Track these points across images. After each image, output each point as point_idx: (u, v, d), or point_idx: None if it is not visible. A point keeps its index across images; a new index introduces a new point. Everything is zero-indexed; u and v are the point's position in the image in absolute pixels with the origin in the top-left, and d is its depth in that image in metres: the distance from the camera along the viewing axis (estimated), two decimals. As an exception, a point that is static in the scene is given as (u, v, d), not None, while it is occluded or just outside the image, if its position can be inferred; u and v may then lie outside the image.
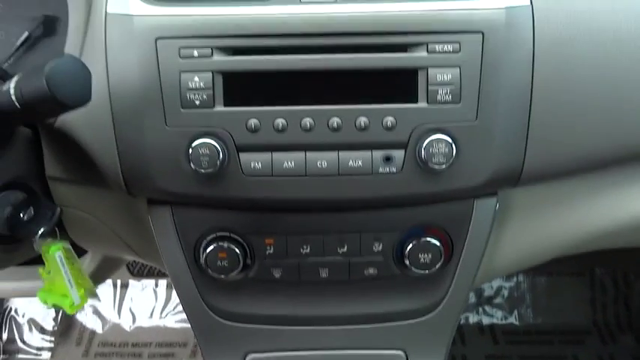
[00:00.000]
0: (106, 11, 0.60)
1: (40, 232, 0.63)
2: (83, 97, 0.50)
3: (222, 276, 0.67)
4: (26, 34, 0.73)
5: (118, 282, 1.66)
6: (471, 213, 0.66)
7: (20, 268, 0.77)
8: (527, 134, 0.60)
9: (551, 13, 0.59)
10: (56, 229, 0.68)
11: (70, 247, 0.68)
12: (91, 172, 0.64)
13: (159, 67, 0.58)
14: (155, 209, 0.67)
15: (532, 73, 0.58)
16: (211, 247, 0.66)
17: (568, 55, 0.58)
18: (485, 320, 1.66)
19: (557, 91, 0.59)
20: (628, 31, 0.59)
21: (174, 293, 1.69)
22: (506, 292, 1.68)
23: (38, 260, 0.73)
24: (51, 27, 0.74)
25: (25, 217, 0.63)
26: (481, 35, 0.57)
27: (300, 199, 0.62)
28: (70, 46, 0.62)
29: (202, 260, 0.67)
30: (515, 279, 1.68)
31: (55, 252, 0.65)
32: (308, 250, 0.67)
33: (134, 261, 1.47)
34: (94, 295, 0.72)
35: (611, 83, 0.59)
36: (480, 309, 1.67)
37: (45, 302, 0.68)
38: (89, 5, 0.61)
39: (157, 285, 1.70)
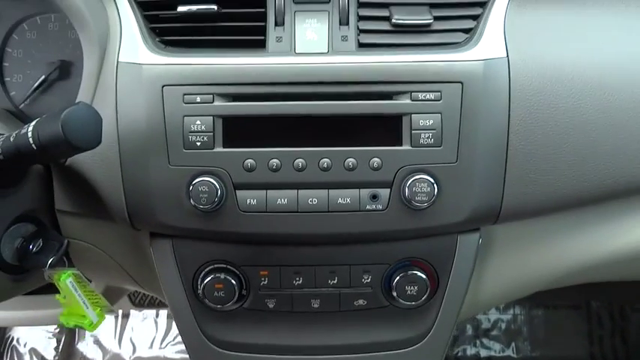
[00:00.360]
0: (118, 60, 0.65)
1: (49, 263, 0.67)
2: (94, 141, 0.55)
3: (219, 306, 0.71)
4: (42, 77, 0.79)
5: (120, 312, 1.68)
6: (455, 247, 0.69)
7: (31, 297, 0.81)
8: (505, 175, 0.64)
9: (526, 65, 0.64)
10: (64, 258, 0.72)
11: (79, 272, 0.72)
12: (97, 206, 0.68)
13: (164, 112, 0.63)
14: (157, 242, 0.71)
15: (508, 119, 0.63)
16: (209, 279, 0.70)
17: (541, 102, 0.63)
18: (483, 353, 1.66)
19: (532, 136, 0.63)
20: (596, 81, 0.64)
21: (174, 324, 1.71)
22: (503, 325, 1.69)
23: (45, 289, 0.76)
24: (66, 71, 0.80)
25: (34, 249, 0.67)
26: (461, 85, 0.62)
27: (293, 234, 0.66)
28: (84, 91, 0.67)
29: (200, 291, 0.71)
30: (512, 311, 1.69)
31: (66, 279, 0.68)
32: (300, 281, 0.71)
33: (136, 291, 1.50)
34: (111, 312, 0.75)
35: (581, 129, 0.64)
36: (478, 341, 1.67)
37: (67, 324, 0.72)
38: (102, 53, 0.67)
39: (157, 315, 1.72)
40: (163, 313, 1.72)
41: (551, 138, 0.64)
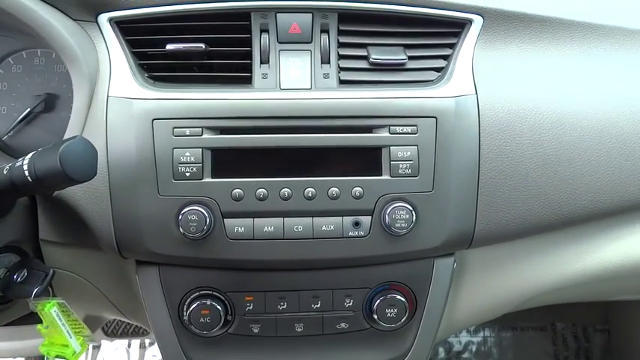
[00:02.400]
0: (108, 94, 0.68)
1: (34, 293, 0.67)
2: (90, 173, 0.57)
3: (205, 332, 0.72)
4: (28, 109, 0.80)
5: (90, 343, 1.64)
6: (432, 271, 0.73)
7: (9, 328, 0.80)
8: (477, 203, 0.69)
9: (493, 101, 0.70)
10: (49, 288, 0.72)
11: (64, 300, 0.72)
12: (84, 235, 0.69)
13: (154, 144, 0.66)
14: (143, 270, 0.72)
15: (479, 151, 0.68)
16: (195, 305, 0.71)
17: (508, 136, 0.69)
18: (456, 375, 1.70)
19: (501, 167, 0.69)
20: (555, 117, 0.71)
21: (146, 353, 1.68)
22: (474, 347, 1.73)
23: (23, 319, 0.76)
24: (51, 104, 0.81)
25: (19, 279, 0.68)
26: (435, 120, 0.67)
27: (279, 260, 0.69)
28: (73, 124, 0.69)
29: (186, 317, 0.72)
30: (482, 334, 1.74)
31: (51, 309, 0.68)
32: (285, 306, 0.73)
33: (108, 321, 1.48)
34: (93, 340, 0.75)
35: (543, 161, 0.70)
36: (450, 364, 1.71)
37: (48, 355, 0.71)
38: (92, 88, 0.69)
39: (129, 345, 1.69)
40: (135, 342, 1.69)
41: (517, 169, 0.69)
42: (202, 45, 0.69)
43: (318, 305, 0.73)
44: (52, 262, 0.74)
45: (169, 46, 0.69)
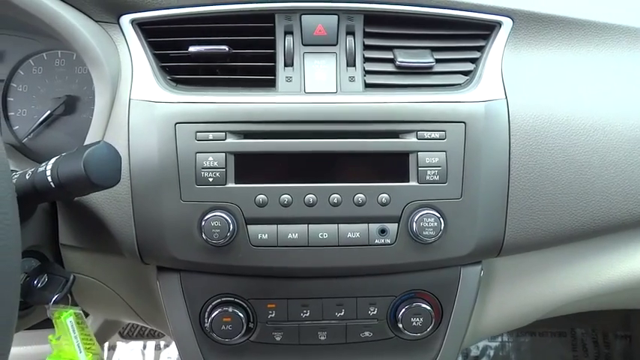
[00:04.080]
0: (130, 97, 0.67)
1: (54, 300, 0.66)
2: (115, 179, 0.56)
3: (227, 339, 0.71)
4: (48, 112, 0.80)
5: (106, 344, 1.64)
6: (459, 280, 0.71)
7: (24, 332, 0.79)
8: (507, 211, 0.67)
9: (523, 106, 0.68)
10: (68, 295, 0.71)
11: (81, 311, 0.71)
12: (105, 240, 0.68)
13: (177, 148, 0.65)
14: (164, 276, 0.71)
15: (509, 158, 0.66)
16: (216, 312, 0.70)
17: (539, 142, 0.67)
18: (473, 380, 1.68)
19: (531, 174, 0.67)
20: (589, 122, 0.68)
21: (161, 355, 1.68)
22: (492, 352, 1.70)
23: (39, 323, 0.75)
24: (71, 106, 0.81)
25: (39, 285, 0.67)
26: (464, 125, 0.65)
27: (303, 267, 0.67)
28: (95, 128, 0.68)
29: (207, 324, 0.71)
30: (500, 339, 1.71)
31: (67, 318, 0.68)
32: (308, 314, 0.72)
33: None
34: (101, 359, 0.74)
35: (576, 168, 0.68)
36: (467, 369, 1.69)
37: None
38: (114, 91, 0.68)
39: (144, 347, 1.69)
40: (150, 344, 1.69)
41: (548, 176, 0.67)
42: (226, 47, 0.68)
43: (342, 313, 0.72)
44: (72, 267, 0.73)
45: (192, 49, 0.68)
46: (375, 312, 0.72)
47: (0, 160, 0.43)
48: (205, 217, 0.64)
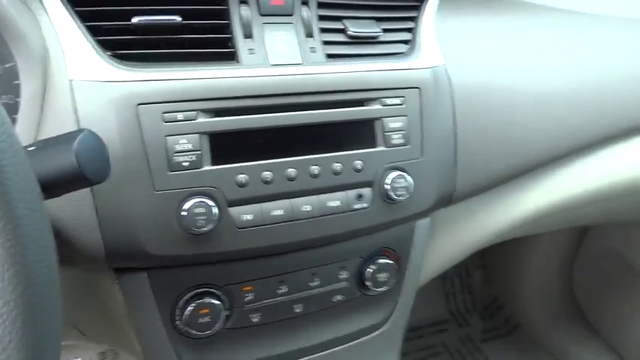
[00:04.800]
0: (69, 78, 0.57)
1: None
2: (106, 172, 0.48)
3: (207, 331, 0.67)
4: None
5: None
6: (413, 232, 0.78)
7: None
8: (457, 166, 0.75)
9: (459, 70, 0.76)
10: None
11: None
12: (59, 250, 0.58)
13: (142, 133, 0.58)
14: (127, 278, 0.64)
15: (454, 118, 0.74)
16: (191, 306, 0.66)
17: (476, 102, 0.77)
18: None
19: (472, 129, 0.76)
20: (511, 82, 0.80)
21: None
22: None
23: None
24: None
25: None
26: (419, 90, 0.71)
27: (289, 242, 0.67)
28: (26, 114, 0.57)
29: (181, 320, 0.66)
30: (384, 288, 1.90)
31: None
32: (285, 289, 0.71)
33: None
34: None
35: (505, 123, 0.79)
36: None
37: None
38: (44, 71, 0.57)
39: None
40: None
41: (486, 131, 0.77)
42: (177, 17, 0.62)
43: (317, 282, 0.73)
44: None
45: (136, 19, 0.61)
46: (345, 275, 0.75)
47: None
48: (184, 206, 0.59)
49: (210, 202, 0.60)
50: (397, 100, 0.69)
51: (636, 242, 1.46)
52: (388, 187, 0.69)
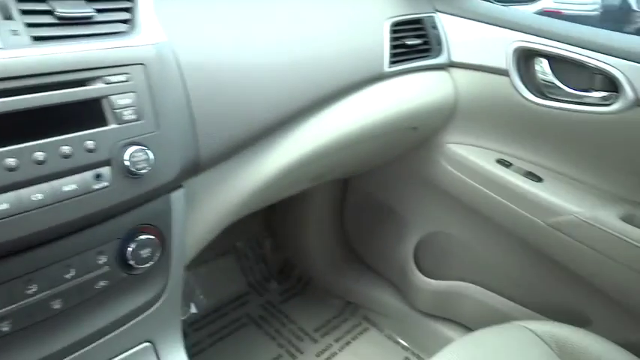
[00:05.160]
0: None
1: None
2: None
3: None
4: None
5: None
6: (170, 205, 0.81)
7: None
8: (196, 134, 0.80)
9: (184, 44, 0.81)
10: None
11: None
12: None
13: None
14: None
15: (186, 90, 0.79)
16: None
17: (206, 75, 0.82)
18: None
19: (206, 101, 0.82)
20: (245, 57, 0.88)
21: None
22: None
23: None
24: None
25: None
26: (143, 66, 0.73)
27: (23, 237, 0.63)
28: None
29: None
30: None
31: None
32: (35, 288, 0.67)
33: None
34: None
35: (238, 95, 0.87)
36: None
37: None
38: None
39: None
40: None
41: (218, 100, 0.84)
42: None
43: (73, 273, 0.71)
44: None
45: None
46: (105, 260, 0.74)
47: None
48: None
49: None
50: (122, 77, 0.71)
51: (383, 183, 1.74)
52: (127, 162, 0.70)
